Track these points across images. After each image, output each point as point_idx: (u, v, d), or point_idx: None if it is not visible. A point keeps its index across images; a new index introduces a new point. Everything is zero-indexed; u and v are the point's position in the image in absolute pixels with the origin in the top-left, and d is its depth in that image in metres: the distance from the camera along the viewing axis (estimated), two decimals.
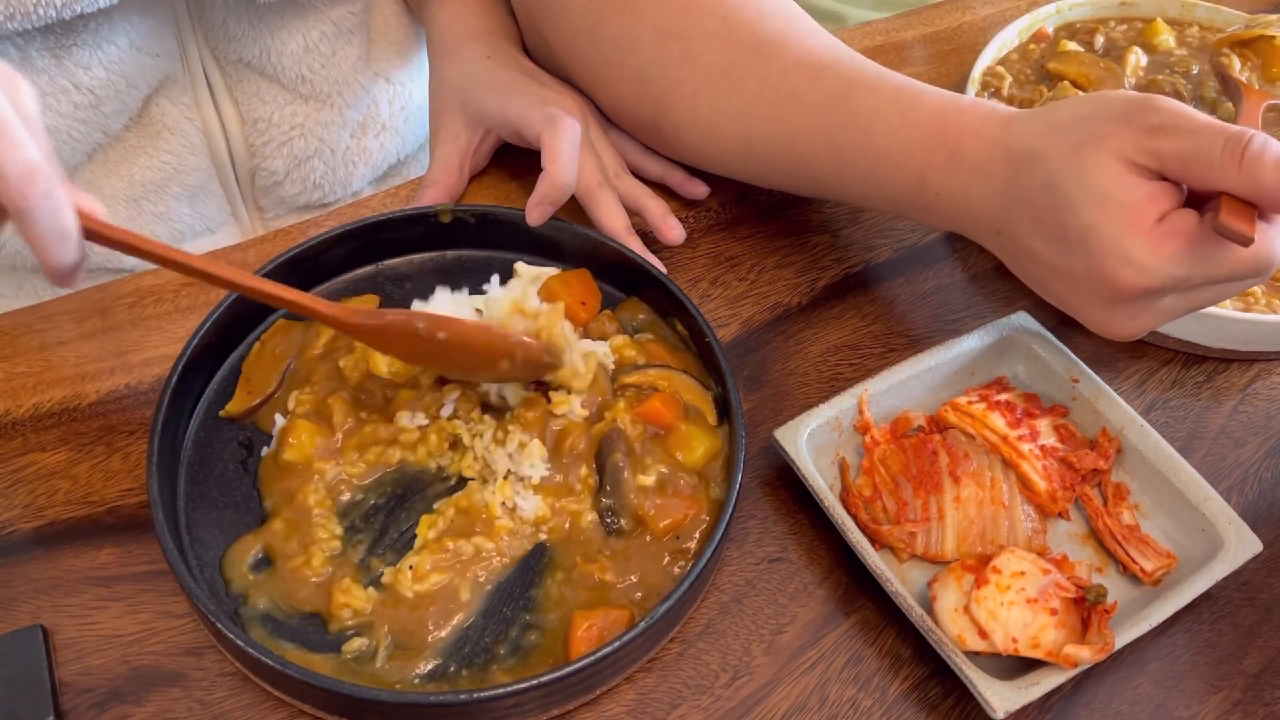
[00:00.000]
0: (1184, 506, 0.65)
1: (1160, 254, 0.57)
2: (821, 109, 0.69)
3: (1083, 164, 0.58)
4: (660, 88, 0.74)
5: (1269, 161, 0.54)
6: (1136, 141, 0.57)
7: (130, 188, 0.80)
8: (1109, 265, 0.58)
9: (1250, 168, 0.54)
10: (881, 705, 0.60)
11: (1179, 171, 0.57)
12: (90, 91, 0.74)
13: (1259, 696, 0.62)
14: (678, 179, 0.79)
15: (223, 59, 0.80)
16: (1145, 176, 0.57)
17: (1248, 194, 0.55)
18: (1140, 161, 0.57)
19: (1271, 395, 0.75)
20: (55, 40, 0.71)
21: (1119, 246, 0.57)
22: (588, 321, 0.71)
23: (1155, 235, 0.57)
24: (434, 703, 0.55)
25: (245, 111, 0.83)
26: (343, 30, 0.84)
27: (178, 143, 0.81)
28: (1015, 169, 0.61)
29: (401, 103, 0.92)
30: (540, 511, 0.63)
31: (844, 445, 0.69)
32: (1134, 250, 0.57)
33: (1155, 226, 0.57)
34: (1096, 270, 0.58)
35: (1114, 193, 0.57)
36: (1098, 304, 0.61)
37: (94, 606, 0.61)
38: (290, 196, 0.89)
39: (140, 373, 0.71)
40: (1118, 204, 0.57)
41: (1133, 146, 0.57)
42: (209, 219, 0.86)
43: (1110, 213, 0.57)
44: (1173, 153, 0.56)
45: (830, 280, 0.80)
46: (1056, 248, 0.60)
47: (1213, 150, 0.55)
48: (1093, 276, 0.59)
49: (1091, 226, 0.58)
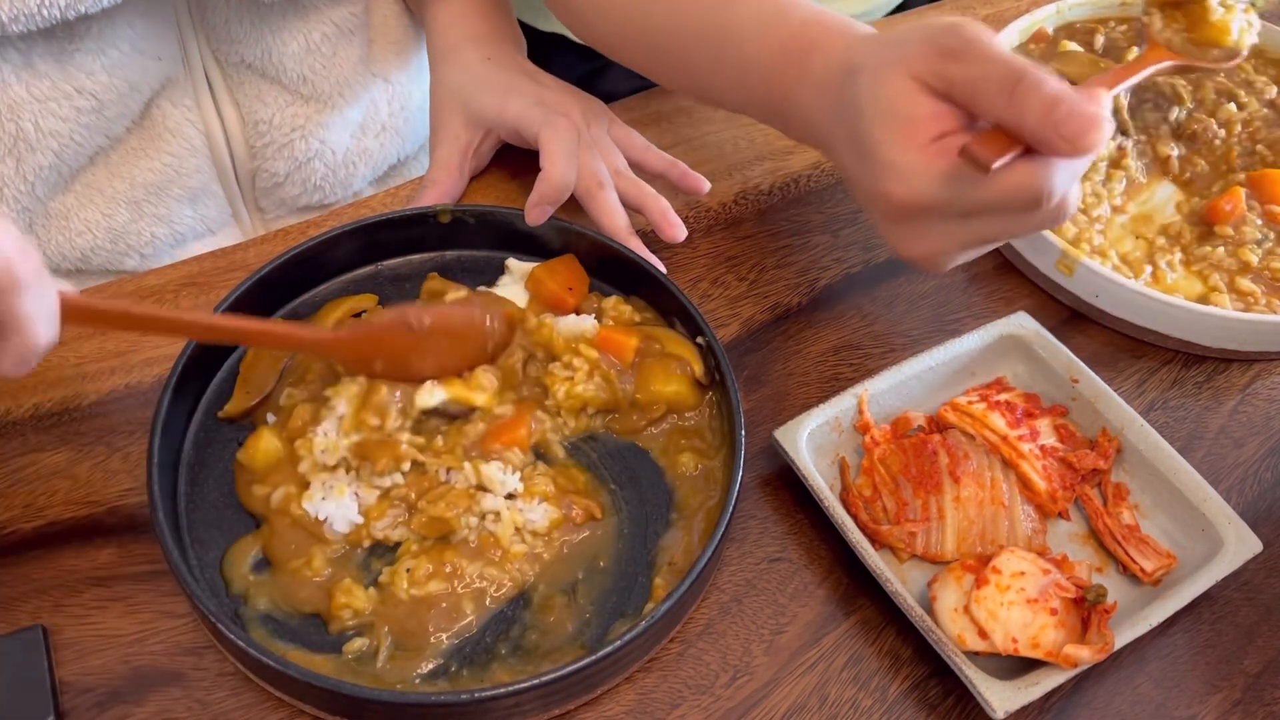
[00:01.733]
0: (1184, 506, 0.65)
1: (928, 170, 0.57)
2: (705, 11, 0.70)
3: (879, 80, 0.58)
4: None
5: (1035, 98, 0.53)
6: (930, 63, 0.57)
7: (131, 190, 0.80)
8: (884, 177, 0.58)
9: (1019, 101, 0.54)
10: (881, 705, 0.60)
11: (965, 97, 0.57)
12: (93, 96, 0.74)
13: (1259, 696, 0.62)
14: (679, 174, 0.79)
15: (224, 60, 0.80)
16: (934, 97, 0.57)
17: (1013, 126, 0.55)
18: (931, 82, 0.57)
19: (1271, 395, 0.75)
20: (58, 45, 0.71)
21: (891, 159, 0.57)
22: (576, 306, 0.72)
23: (928, 151, 0.57)
24: (435, 702, 0.55)
25: (246, 113, 0.83)
26: (344, 31, 0.84)
27: (179, 145, 0.81)
28: (840, 84, 0.62)
29: (401, 103, 0.92)
30: (553, 516, 0.63)
31: (844, 445, 0.69)
32: (904, 163, 0.57)
33: (930, 144, 0.57)
34: (876, 184, 0.59)
35: (898, 108, 0.57)
36: (883, 221, 0.61)
37: (94, 606, 0.61)
38: (291, 198, 0.89)
39: (140, 373, 0.71)
40: (898, 118, 0.57)
41: (926, 68, 0.57)
42: (210, 220, 0.86)
43: (890, 126, 0.57)
44: (960, 78, 0.56)
45: (830, 280, 0.80)
46: (856, 161, 0.61)
47: (992, 80, 0.55)
48: (874, 190, 0.59)
49: (875, 140, 0.58)
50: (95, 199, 0.79)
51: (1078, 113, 0.53)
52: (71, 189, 0.78)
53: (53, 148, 0.74)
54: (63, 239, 0.79)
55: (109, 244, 0.81)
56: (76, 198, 0.79)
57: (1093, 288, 0.76)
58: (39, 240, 0.79)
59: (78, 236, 0.79)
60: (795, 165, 0.87)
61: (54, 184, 0.77)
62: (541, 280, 0.72)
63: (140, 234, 0.82)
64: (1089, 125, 0.53)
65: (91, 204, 0.79)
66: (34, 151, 0.74)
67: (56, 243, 0.79)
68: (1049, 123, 0.53)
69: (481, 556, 0.62)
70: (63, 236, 0.79)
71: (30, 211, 0.77)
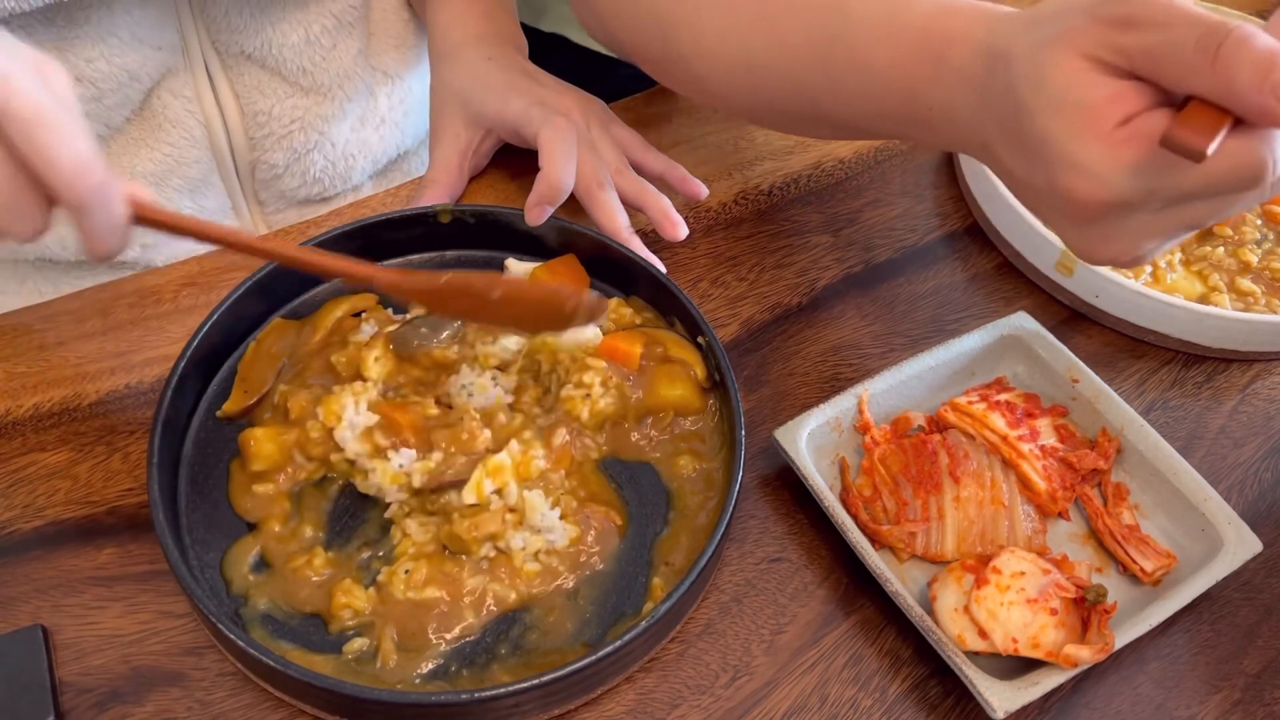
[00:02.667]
0: (1184, 506, 0.65)
1: (1117, 161, 0.49)
2: (815, 23, 0.64)
3: (1041, 64, 0.51)
4: (663, 9, 0.71)
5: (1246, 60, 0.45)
6: (1101, 36, 0.49)
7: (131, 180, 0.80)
8: (1063, 177, 0.51)
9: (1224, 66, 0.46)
10: (881, 705, 0.60)
11: (1150, 70, 0.49)
12: (93, 84, 0.74)
13: (1259, 696, 0.62)
14: (678, 176, 0.79)
15: (224, 51, 0.81)
16: (1112, 75, 0.50)
17: (1220, 97, 0.47)
18: (1106, 58, 0.49)
19: (1271, 395, 0.75)
20: (58, 32, 0.71)
21: (1071, 154, 0.50)
22: None
23: (1113, 141, 0.49)
24: (435, 702, 0.55)
25: (245, 104, 0.83)
26: (344, 24, 0.85)
27: (179, 135, 0.81)
28: (991, 73, 0.54)
29: (401, 96, 0.92)
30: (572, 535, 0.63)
31: (844, 445, 0.69)
32: (1087, 157, 0.50)
33: (1115, 131, 0.49)
34: (1054, 184, 0.52)
35: (1070, 94, 0.50)
36: (1067, 224, 0.54)
37: (94, 606, 0.61)
38: (290, 190, 0.89)
39: (140, 373, 0.71)
40: (1074, 106, 0.50)
41: (1096, 41, 0.49)
42: (209, 212, 0.86)
43: (1065, 117, 0.50)
44: (1140, 48, 0.48)
45: (830, 280, 0.80)
46: (1021, 160, 0.54)
47: (1185, 45, 0.47)
48: (1053, 191, 0.52)
49: (1046, 133, 0.51)
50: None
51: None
52: None
53: None
54: (64, 229, 0.79)
55: None
56: None
57: (1093, 288, 0.76)
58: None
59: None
60: (795, 165, 0.87)
61: None
62: (542, 281, 0.72)
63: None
64: None
65: None
66: None
67: (57, 232, 0.79)
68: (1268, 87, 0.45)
69: (487, 573, 0.61)
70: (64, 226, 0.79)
71: None
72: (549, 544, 0.62)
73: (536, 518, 0.62)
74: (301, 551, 0.62)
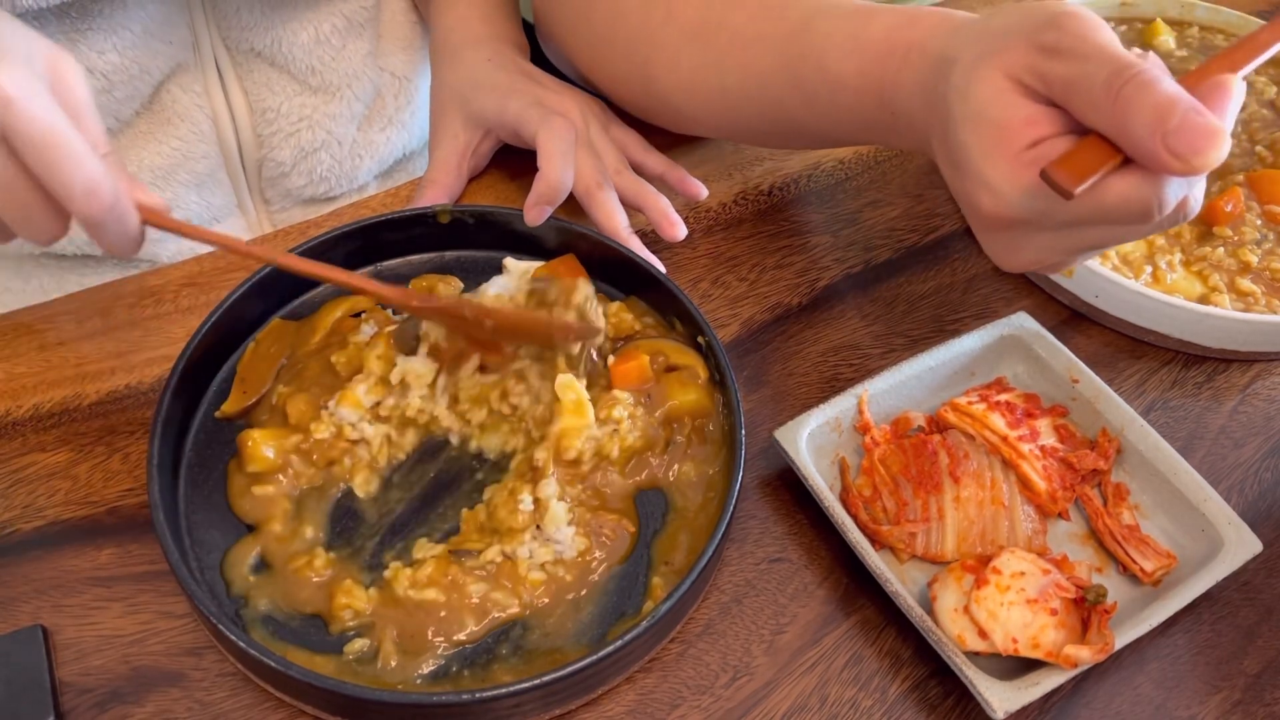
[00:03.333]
0: (1184, 506, 0.65)
1: (1018, 182, 0.51)
2: (783, 46, 0.67)
3: (971, 77, 0.52)
4: (644, 53, 0.75)
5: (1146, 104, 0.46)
6: (1028, 60, 0.51)
7: (139, 173, 0.80)
8: (973, 188, 0.53)
9: (1122, 107, 0.47)
10: (881, 705, 0.60)
11: (1064, 99, 0.50)
12: (104, 76, 0.74)
13: (1259, 697, 0.62)
14: (678, 177, 0.79)
15: (234, 48, 0.81)
16: (1030, 99, 0.51)
17: (1115, 136, 0.48)
18: (1028, 82, 0.51)
19: (1271, 395, 0.75)
20: (70, 24, 0.71)
21: (981, 169, 0.52)
22: None
23: (1019, 162, 0.51)
24: (435, 703, 0.55)
25: (254, 101, 0.83)
26: (354, 24, 0.85)
27: (187, 130, 0.81)
28: (934, 77, 0.56)
29: (407, 98, 0.92)
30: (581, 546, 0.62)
31: (844, 445, 0.69)
32: (993, 175, 0.52)
33: (1023, 152, 0.51)
34: (965, 193, 0.54)
35: (990, 111, 0.52)
36: (979, 230, 0.57)
37: (94, 606, 0.61)
38: (296, 188, 0.89)
39: (140, 373, 0.71)
40: (990, 123, 0.52)
41: (1023, 65, 0.51)
42: (215, 208, 0.86)
43: (981, 132, 0.52)
44: (1060, 77, 0.50)
45: (830, 280, 0.80)
46: (946, 165, 0.56)
47: (1095, 81, 0.48)
48: (965, 200, 0.55)
49: (964, 145, 0.53)
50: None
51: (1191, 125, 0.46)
52: None
53: None
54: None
55: None
56: None
57: (1093, 288, 0.76)
58: None
59: None
60: (795, 165, 0.87)
61: None
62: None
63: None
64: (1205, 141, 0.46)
65: None
66: None
67: None
68: (1157, 135, 0.46)
69: (491, 580, 0.61)
70: None
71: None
72: (557, 554, 0.62)
73: (553, 528, 0.61)
74: (302, 552, 0.62)
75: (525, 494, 0.62)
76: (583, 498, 0.64)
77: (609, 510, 0.64)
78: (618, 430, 0.65)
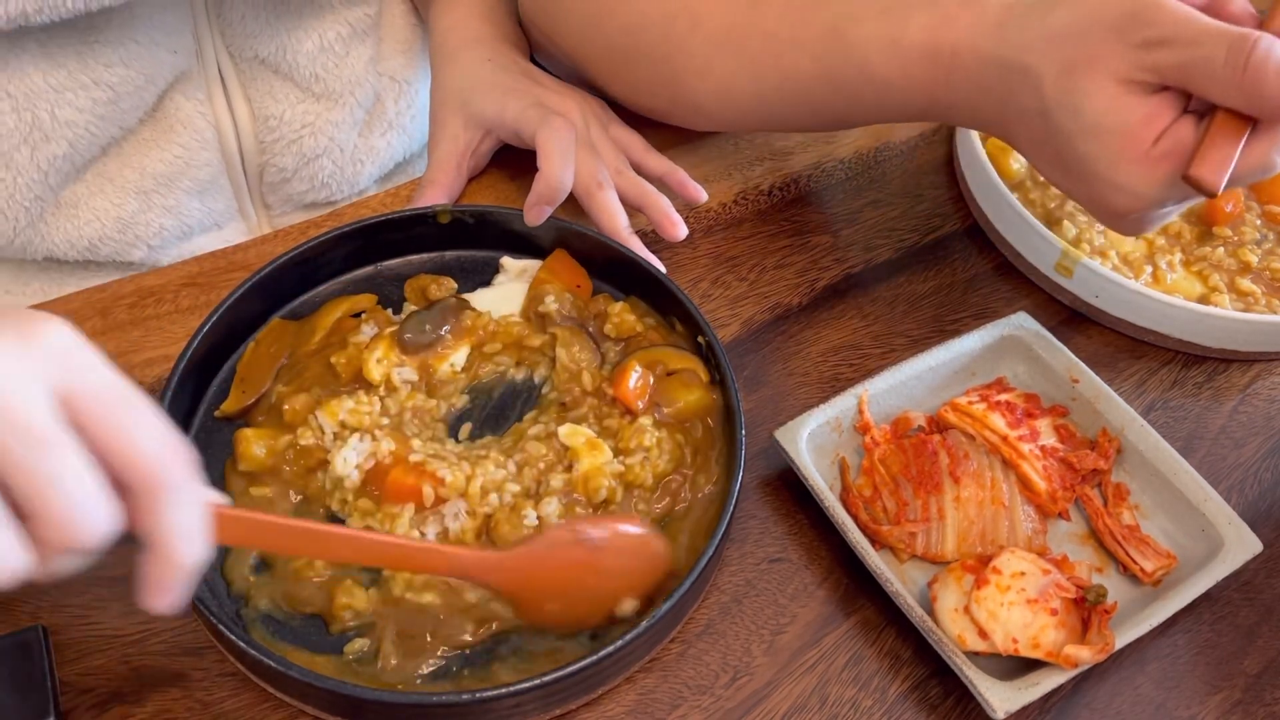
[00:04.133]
0: (1184, 506, 0.65)
1: (1152, 180, 0.54)
2: (818, 51, 0.68)
3: (1075, 90, 0.54)
4: (673, 65, 0.75)
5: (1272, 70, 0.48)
6: (1133, 58, 0.52)
7: (141, 180, 0.80)
8: (1104, 194, 0.56)
9: (1253, 78, 0.49)
10: (881, 705, 0.60)
11: (1181, 82, 0.52)
12: (110, 87, 0.74)
13: (1259, 697, 0.62)
14: (678, 180, 0.79)
15: (238, 56, 0.81)
16: (1143, 93, 0.53)
17: (1249, 108, 0.50)
18: (1139, 78, 0.53)
19: (1271, 395, 0.75)
20: (78, 36, 0.71)
21: (1112, 176, 0.55)
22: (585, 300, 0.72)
23: (1149, 161, 0.54)
24: (436, 703, 0.55)
25: (257, 108, 0.83)
26: (357, 31, 0.85)
27: (190, 137, 0.81)
28: (1009, 86, 0.58)
29: (408, 102, 0.92)
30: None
31: (844, 445, 0.69)
32: (1126, 179, 0.54)
33: (1150, 150, 0.54)
34: (1094, 197, 0.58)
35: (1107, 121, 0.54)
36: (1106, 221, 0.61)
37: (94, 606, 0.61)
38: (298, 194, 0.89)
39: (140, 373, 0.71)
40: (1110, 133, 0.54)
41: (1129, 64, 0.52)
42: (217, 214, 0.86)
43: (1103, 142, 0.54)
44: (1173, 65, 0.51)
45: (830, 280, 0.80)
46: (1057, 172, 0.59)
47: (1214, 60, 0.50)
48: (1092, 201, 0.58)
49: (1087, 157, 0.55)
50: (105, 188, 0.79)
51: None
52: (83, 178, 0.79)
53: (67, 137, 0.74)
54: (71, 228, 0.79)
55: (117, 234, 0.81)
56: (87, 187, 0.79)
57: (1093, 288, 0.76)
58: (48, 228, 0.79)
59: (86, 225, 0.80)
60: (795, 165, 0.87)
61: (67, 173, 0.77)
62: (546, 283, 0.71)
63: (148, 224, 0.82)
64: None
65: (101, 193, 0.79)
66: (49, 141, 0.74)
67: (65, 231, 0.79)
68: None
69: None
70: (71, 225, 0.79)
71: (42, 200, 0.77)
72: None
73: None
74: None
75: (529, 510, 0.62)
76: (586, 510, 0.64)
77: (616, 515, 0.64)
78: (648, 457, 0.64)
